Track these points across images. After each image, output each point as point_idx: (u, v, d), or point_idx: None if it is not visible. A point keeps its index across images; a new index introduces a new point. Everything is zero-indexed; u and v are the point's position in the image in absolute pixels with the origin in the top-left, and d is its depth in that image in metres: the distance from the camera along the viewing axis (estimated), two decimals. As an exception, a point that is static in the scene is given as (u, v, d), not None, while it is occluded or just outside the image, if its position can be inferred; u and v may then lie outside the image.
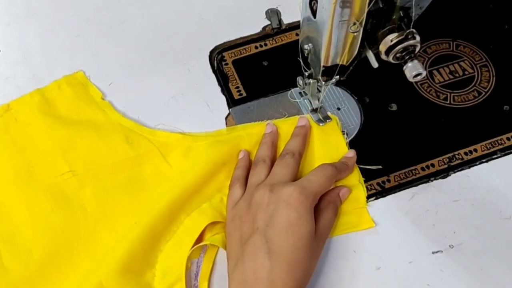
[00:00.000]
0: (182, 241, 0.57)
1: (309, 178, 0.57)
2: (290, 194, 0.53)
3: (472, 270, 0.57)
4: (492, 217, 0.60)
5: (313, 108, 0.65)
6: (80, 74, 0.69)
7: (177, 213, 0.58)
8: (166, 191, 0.59)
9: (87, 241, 0.58)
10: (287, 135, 0.63)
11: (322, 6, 0.49)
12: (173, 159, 0.62)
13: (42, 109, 0.65)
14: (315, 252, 0.54)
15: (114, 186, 0.61)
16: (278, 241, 0.51)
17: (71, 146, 0.63)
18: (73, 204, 0.59)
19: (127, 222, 0.58)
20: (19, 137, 0.64)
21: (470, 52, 0.71)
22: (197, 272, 0.56)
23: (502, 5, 0.74)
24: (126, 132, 0.64)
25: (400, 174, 0.62)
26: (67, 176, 0.61)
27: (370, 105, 0.67)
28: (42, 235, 0.57)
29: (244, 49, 0.71)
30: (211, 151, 0.61)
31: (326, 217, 0.56)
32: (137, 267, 0.55)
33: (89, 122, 0.65)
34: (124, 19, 0.74)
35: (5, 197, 0.60)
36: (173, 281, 0.55)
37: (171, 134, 0.64)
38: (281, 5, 0.74)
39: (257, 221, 0.53)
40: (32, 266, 0.56)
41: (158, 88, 0.68)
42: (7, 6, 0.75)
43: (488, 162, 0.63)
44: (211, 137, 0.64)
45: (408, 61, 0.50)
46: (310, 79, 0.61)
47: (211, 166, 0.60)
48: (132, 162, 0.62)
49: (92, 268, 0.56)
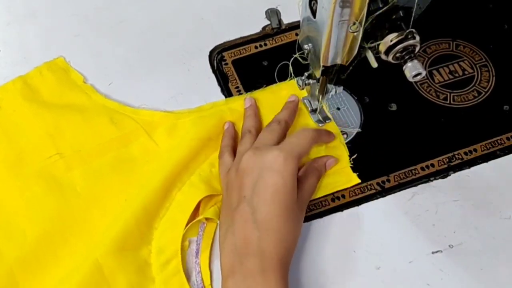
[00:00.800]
0: (176, 217, 0.58)
1: (291, 140, 0.57)
2: (274, 159, 0.54)
3: (472, 270, 0.57)
4: (492, 217, 0.60)
5: (312, 109, 0.65)
6: (61, 59, 0.70)
7: (169, 189, 0.59)
8: (155, 168, 0.60)
9: (80, 221, 0.58)
10: (268, 104, 0.65)
11: (322, 6, 0.49)
12: (159, 136, 0.63)
13: (26, 96, 0.66)
14: (299, 217, 0.55)
15: (102, 166, 0.61)
16: (264, 210, 0.52)
17: (57, 130, 0.64)
18: (64, 186, 0.60)
19: (118, 200, 0.59)
20: (4, 124, 0.64)
21: (470, 52, 0.71)
22: (197, 249, 0.57)
23: (502, 5, 0.74)
24: (110, 113, 0.65)
25: (400, 174, 0.62)
26: (54, 159, 0.62)
27: (370, 105, 0.67)
28: (35, 217, 0.58)
29: (244, 49, 0.71)
30: (196, 128, 0.63)
31: (310, 182, 0.58)
32: (132, 244, 0.56)
33: (73, 105, 0.66)
34: (124, 19, 0.74)
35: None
36: (168, 257, 0.56)
37: (154, 113, 0.65)
38: (281, 5, 0.74)
39: (244, 188, 0.54)
40: (26, 249, 0.56)
41: (158, 88, 0.68)
42: (7, 6, 0.75)
43: (488, 162, 0.63)
44: (194, 113, 0.65)
45: (408, 61, 0.50)
46: (310, 80, 0.61)
47: (197, 141, 0.61)
48: (118, 142, 0.63)
49: (88, 247, 0.56)
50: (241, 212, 0.53)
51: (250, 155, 0.55)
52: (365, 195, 0.61)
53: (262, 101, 0.66)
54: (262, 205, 0.52)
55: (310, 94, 0.64)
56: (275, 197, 0.52)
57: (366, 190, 0.61)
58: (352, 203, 0.61)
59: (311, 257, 0.57)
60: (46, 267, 0.56)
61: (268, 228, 0.51)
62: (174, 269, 0.56)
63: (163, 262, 0.56)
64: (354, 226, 0.59)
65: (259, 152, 0.55)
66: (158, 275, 0.56)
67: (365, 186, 0.61)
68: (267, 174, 0.53)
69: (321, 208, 0.61)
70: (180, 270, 0.55)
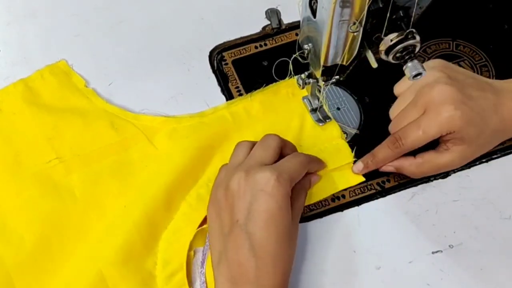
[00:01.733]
0: (183, 230, 0.58)
1: (284, 164, 0.55)
2: (267, 181, 0.52)
3: (472, 270, 0.57)
4: (492, 217, 0.60)
5: (312, 108, 0.65)
6: (63, 63, 0.69)
7: (173, 199, 0.59)
8: (155, 174, 0.60)
9: (78, 225, 0.58)
10: (268, 104, 0.65)
11: (322, 5, 0.49)
12: (159, 141, 0.63)
13: (27, 98, 0.66)
14: (295, 235, 0.54)
15: (102, 170, 0.61)
16: (260, 235, 0.50)
17: (57, 133, 0.64)
18: (62, 189, 0.60)
19: (117, 204, 0.59)
20: (4, 126, 0.64)
21: (470, 52, 0.71)
22: (203, 259, 0.57)
23: (502, 5, 0.74)
24: (111, 118, 0.65)
25: (400, 174, 0.62)
26: (54, 163, 0.62)
27: (370, 105, 0.67)
28: (33, 221, 0.58)
29: (244, 49, 0.71)
30: (197, 134, 0.63)
31: (300, 202, 0.56)
32: (136, 255, 0.56)
33: (74, 109, 0.65)
34: (124, 19, 0.74)
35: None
36: (174, 270, 0.56)
37: (155, 118, 0.65)
38: (281, 5, 0.74)
39: (236, 212, 0.52)
40: (24, 253, 0.56)
41: (158, 88, 0.68)
42: (7, 6, 0.76)
43: (488, 162, 0.63)
44: (195, 118, 0.65)
45: (408, 61, 0.50)
46: (310, 79, 0.61)
47: (198, 150, 0.61)
48: (118, 146, 0.63)
49: (88, 254, 0.56)
50: (235, 238, 0.51)
51: (242, 176, 0.53)
52: (365, 195, 0.61)
53: (263, 102, 0.66)
54: (258, 230, 0.50)
55: (310, 94, 0.64)
56: (270, 222, 0.51)
57: (366, 190, 0.61)
58: (352, 203, 0.61)
59: (311, 257, 0.57)
60: (44, 272, 0.56)
61: (265, 254, 0.50)
62: (179, 282, 0.55)
63: (169, 274, 0.56)
64: (354, 226, 0.59)
65: (252, 172, 0.53)
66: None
67: (365, 186, 0.61)
68: (261, 198, 0.51)
69: (321, 208, 0.61)
70: (185, 284, 0.55)
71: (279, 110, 0.65)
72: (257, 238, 0.50)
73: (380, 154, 0.60)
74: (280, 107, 0.65)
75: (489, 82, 0.60)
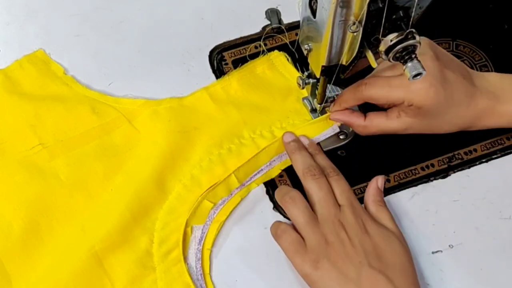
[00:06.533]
0: (179, 210, 0.59)
1: (352, 200, 0.56)
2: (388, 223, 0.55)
3: (472, 270, 0.57)
4: (492, 217, 0.60)
5: (312, 108, 0.65)
6: (41, 52, 0.70)
7: (164, 179, 0.60)
8: (144, 158, 0.61)
9: (66, 208, 0.59)
10: (245, 82, 0.67)
11: (322, 5, 0.49)
12: (140, 124, 0.64)
13: (7, 88, 0.67)
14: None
15: (86, 154, 0.62)
16: (402, 281, 0.51)
17: (39, 120, 0.64)
18: (47, 174, 0.61)
19: (103, 186, 0.60)
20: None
21: (470, 52, 0.71)
22: (202, 237, 0.58)
23: (502, 5, 0.74)
24: (91, 103, 0.65)
25: (400, 174, 0.62)
26: (37, 149, 0.62)
27: (370, 105, 0.66)
28: (20, 206, 0.59)
29: (244, 49, 0.71)
30: (179, 118, 0.64)
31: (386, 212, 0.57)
32: (130, 235, 0.57)
33: (55, 96, 0.66)
34: (124, 19, 0.74)
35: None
36: (170, 248, 0.57)
37: (135, 101, 0.66)
38: (281, 5, 0.74)
39: (359, 254, 0.52)
40: (14, 237, 0.57)
41: (158, 87, 0.68)
42: (7, 6, 0.75)
43: (488, 162, 0.63)
44: (174, 100, 0.66)
45: (408, 61, 0.50)
46: (310, 79, 0.61)
47: (183, 134, 0.62)
48: (100, 130, 0.64)
49: (81, 237, 0.57)
50: (371, 281, 0.50)
51: (353, 222, 0.53)
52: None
53: (240, 81, 0.67)
54: (399, 276, 0.51)
55: (310, 94, 0.64)
56: (405, 262, 0.53)
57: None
58: (352, 203, 0.61)
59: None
60: (35, 256, 0.56)
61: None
62: (175, 259, 0.56)
63: (165, 252, 0.57)
64: (354, 226, 0.59)
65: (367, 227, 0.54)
66: (159, 265, 0.56)
67: (365, 186, 0.61)
68: (388, 239, 0.53)
69: (321, 208, 0.61)
70: (181, 260, 0.56)
71: (255, 87, 0.67)
72: (400, 282, 0.51)
73: (344, 94, 0.61)
74: (256, 85, 0.67)
75: (471, 73, 0.61)
